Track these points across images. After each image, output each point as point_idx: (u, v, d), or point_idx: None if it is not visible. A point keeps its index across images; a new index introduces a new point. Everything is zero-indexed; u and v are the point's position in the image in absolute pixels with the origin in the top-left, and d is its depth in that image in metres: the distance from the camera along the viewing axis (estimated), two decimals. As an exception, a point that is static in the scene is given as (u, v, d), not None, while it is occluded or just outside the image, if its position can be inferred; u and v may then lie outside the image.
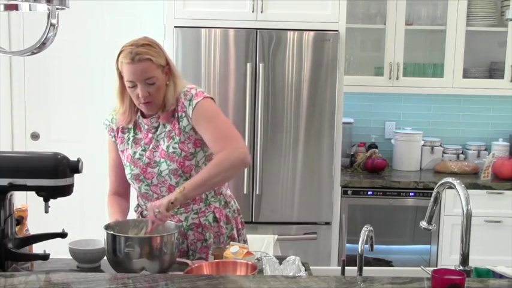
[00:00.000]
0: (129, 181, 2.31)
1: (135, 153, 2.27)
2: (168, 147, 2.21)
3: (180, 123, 2.20)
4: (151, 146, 2.25)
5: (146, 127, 2.26)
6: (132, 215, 2.39)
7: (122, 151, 2.31)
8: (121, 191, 2.38)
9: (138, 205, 2.38)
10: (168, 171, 2.20)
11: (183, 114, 2.20)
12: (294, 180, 3.53)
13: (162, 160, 2.21)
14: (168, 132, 2.23)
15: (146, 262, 1.91)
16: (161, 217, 2.03)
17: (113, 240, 1.94)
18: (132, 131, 2.29)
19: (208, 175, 2.10)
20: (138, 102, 2.20)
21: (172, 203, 2.04)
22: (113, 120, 2.33)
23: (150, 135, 2.26)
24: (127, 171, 2.29)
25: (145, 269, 1.90)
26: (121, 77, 2.21)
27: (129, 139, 2.29)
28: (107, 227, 2.01)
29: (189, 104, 2.19)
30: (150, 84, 2.15)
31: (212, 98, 2.27)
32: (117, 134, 2.32)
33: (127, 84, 2.18)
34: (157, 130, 2.25)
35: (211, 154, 2.23)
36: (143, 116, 2.27)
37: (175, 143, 2.21)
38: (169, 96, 2.20)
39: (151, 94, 2.17)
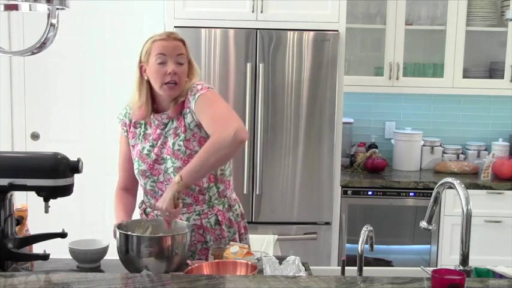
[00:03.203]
0: (136, 176, 2.31)
1: (143, 148, 2.28)
2: (173, 144, 2.22)
3: (185, 119, 2.21)
4: (159, 142, 2.25)
5: (156, 122, 2.27)
6: (136, 211, 2.39)
7: (133, 146, 2.32)
8: (129, 186, 2.39)
9: (143, 202, 2.38)
10: (173, 168, 2.20)
11: (188, 110, 2.21)
12: (294, 180, 3.53)
13: (168, 157, 2.22)
14: (175, 129, 2.23)
15: (154, 261, 1.93)
16: (173, 216, 2.06)
17: (125, 239, 1.96)
18: (143, 126, 2.31)
19: (202, 159, 2.07)
20: (162, 82, 2.19)
21: (177, 198, 2.05)
22: (126, 114, 2.35)
23: (158, 131, 2.26)
24: (135, 166, 2.30)
25: (148, 268, 1.90)
26: (141, 71, 2.23)
27: (139, 134, 2.31)
28: (118, 227, 2.04)
29: (193, 99, 2.19)
30: (179, 63, 2.19)
31: (214, 91, 2.29)
32: (129, 129, 2.34)
33: (156, 59, 2.18)
34: (166, 126, 2.25)
35: None
36: (154, 111, 2.28)
37: (180, 140, 2.21)
38: (185, 88, 2.23)
39: (178, 74, 2.19)
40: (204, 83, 2.27)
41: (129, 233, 1.99)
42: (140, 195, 2.39)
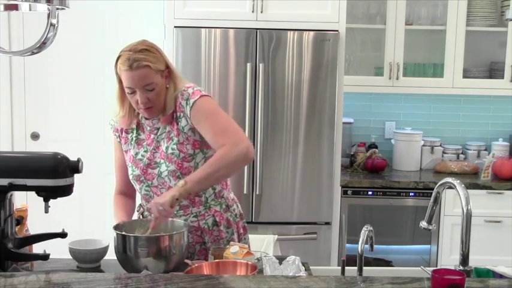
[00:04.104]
0: (131, 182, 2.31)
1: (137, 154, 2.27)
2: (167, 148, 2.21)
3: (179, 123, 2.19)
4: (152, 146, 2.24)
5: (149, 128, 2.26)
6: (135, 215, 2.39)
7: (126, 151, 2.32)
8: (127, 191, 2.38)
9: (141, 205, 2.38)
10: (167, 172, 2.19)
11: (181, 114, 2.19)
12: (294, 180, 3.53)
13: (162, 161, 2.21)
14: (168, 133, 2.22)
15: (152, 261, 1.93)
16: (166, 214, 2.04)
17: (123, 240, 1.96)
18: (135, 131, 2.29)
19: (211, 171, 2.08)
20: (138, 108, 2.19)
21: (177, 199, 2.04)
22: (117, 121, 2.33)
23: (152, 136, 2.25)
24: (129, 171, 2.29)
25: (148, 268, 1.90)
26: (120, 81, 2.20)
27: (132, 139, 2.29)
28: (116, 227, 2.03)
29: (187, 104, 2.17)
30: (149, 90, 2.14)
31: (209, 96, 2.25)
32: (122, 134, 2.32)
33: (126, 90, 2.17)
34: (158, 131, 2.25)
35: (210, 156, 2.21)
36: (146, 117, 2.27)
37: (174, 144, 2.20)
38: (169, 99, 2.19)
39: (151, 100, 2.15)
40: (194, 85, 2.24)
41: (124, 232, 1.99)
42: (138, 199, 2.39)
